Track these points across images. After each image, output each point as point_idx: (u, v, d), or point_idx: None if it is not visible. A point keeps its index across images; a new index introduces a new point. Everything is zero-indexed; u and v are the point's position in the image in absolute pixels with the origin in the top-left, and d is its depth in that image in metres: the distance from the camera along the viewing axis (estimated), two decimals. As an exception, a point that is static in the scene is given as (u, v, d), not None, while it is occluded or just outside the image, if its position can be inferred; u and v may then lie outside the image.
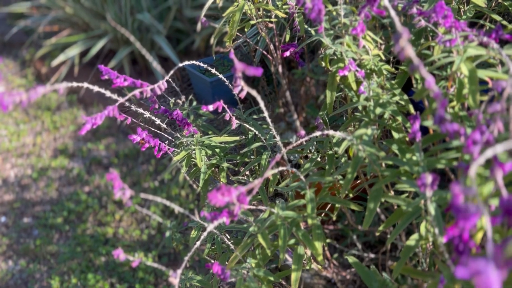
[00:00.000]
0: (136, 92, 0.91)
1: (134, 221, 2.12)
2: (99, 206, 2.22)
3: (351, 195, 1.02)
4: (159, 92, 0.93)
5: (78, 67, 3.12)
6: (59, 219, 2.16)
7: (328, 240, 1.19)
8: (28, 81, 3.31)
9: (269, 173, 0.81)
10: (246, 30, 1.21)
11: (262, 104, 0.78)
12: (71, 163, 2.53)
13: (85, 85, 0.91)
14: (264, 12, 1.25)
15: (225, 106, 0.92)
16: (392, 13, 0.60)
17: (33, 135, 2.78)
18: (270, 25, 1.42)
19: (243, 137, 1.14)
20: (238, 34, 1.23)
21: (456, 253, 0.71)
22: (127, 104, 1.13)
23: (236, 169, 1.20)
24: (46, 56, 3.39)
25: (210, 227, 0.76)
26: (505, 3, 1.09)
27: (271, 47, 1.27)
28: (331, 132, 0.77)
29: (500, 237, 0.63)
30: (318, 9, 0.76)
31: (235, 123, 0.94)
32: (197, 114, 1.30)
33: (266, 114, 0.81)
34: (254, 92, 0.74)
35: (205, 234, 0.74)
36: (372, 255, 1.53)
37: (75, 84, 0.91)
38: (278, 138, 0.89)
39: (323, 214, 1.14)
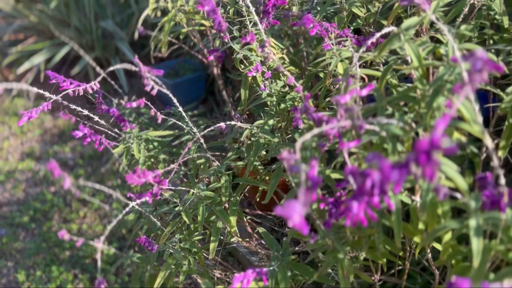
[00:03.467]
0: (69, 91, 1.06)
1: (97, 217, 2.25)
2: (64, 204, 2.34)
3: (267, 178, 1.18)
4: (91, 91, 1.07)
5: (44, 73, 3.22)
6: (26, 218, 2.28)
7: (249, 217, 1.35)
8: (-4, 88, 3.39)
9: (183, 159, 0.96)
10: (181, 37, 1.36)
11: (175, 100, 0.94)
12: (37, 165, 2.64)
13: (24, 86, 1.05)
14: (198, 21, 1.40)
15: (148, 103, 1.08)
16: (260, 27, 0.77)
17: (1, 140, 2.88)
18: (213, 31, 1.58)
19: (177, 131, 1.30)
20: (173, 40, 1.38)
21: (328, 216, 0.88)
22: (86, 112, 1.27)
23: (175, 160, 1.36)
24: (13, 64, 3.48)
25: (133, 204, 0.91)
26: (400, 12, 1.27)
27: (205, 51, 1.43)
28: (232, 122, 0.93)
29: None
30: (218, 22, 0.92)
31: (160, 118, 1.09)
32: (139, 113, 1.44)
33: (180, 109, 0.97)
34: (165, 90, 0.90)
35: (127, 209, 0.89)
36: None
37: (14, 85, 1.05)
38: (195, 130, 1.05)
39: (241, 195, 1.29)
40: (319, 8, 1.19)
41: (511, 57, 0.91)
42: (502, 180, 0.62)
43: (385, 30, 0.75)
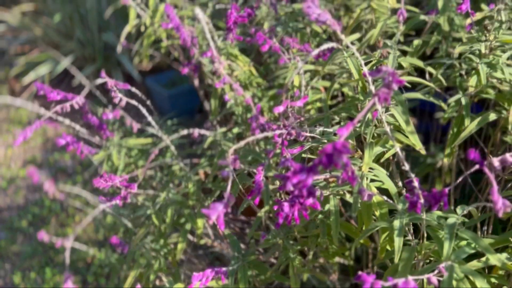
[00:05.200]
0: (58, 107, 1.15)
1: (92, 223, 2.33)
2: (61, 210, 2.43)
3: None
4: (77, 107, 1.16)
5: (49, 84, 3.34)
6: (24, 223, 2.37)
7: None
8: (2, 98, 3.53)
9: (151, 164, 1.04)
10: (162, 51, 1.44)
11: (144, 111, 1.01)
12: (38, 173, 2.74)
13: (18, 103, 1.14)
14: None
15: (124, 115, 1.16)
16: (211, 44, 0.84)
17: (5, 148, 2.99)
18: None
19: (155, 139, 1.37)
20: (153, 54, 1.46)
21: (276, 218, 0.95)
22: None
23: (155, 166, 1.43)
24: (20, 74, 3.61)
25: (102, 206, 0.98)
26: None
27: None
28: (197, 130, 1.01)
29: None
30: (183, 38, 1.00)
31: (136, 127, 1.17)
32: (124, 122, 1.53)
33: (149, 118, 1.05)
34: (134, 102, 0.98)
35: (96, 212, 0.96)
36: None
37: (9, 100, 1.14)
38: (165, 137, 1.13)
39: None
40: (291, 24, 1.26)
41: (450, 70, 0.97)
42: (415, 183, 0.68)
43: (325, 46, 0.82)
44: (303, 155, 0.93)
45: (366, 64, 0.97)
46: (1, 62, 3.83)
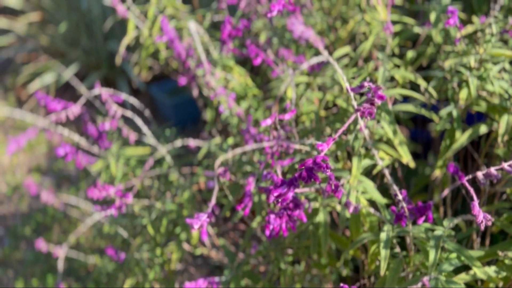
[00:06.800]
0: (53, 116, 1.17)
1: (94, 230, 2.35)
2: (64, 217, 2.46)
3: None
4: (72, 117, 1.18)
5: (55, 91, 3.39)
6: (28, 230, 2.40)
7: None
8: (10, 105, 3.58)
9: (147, 174, 1.05)
10: (160, 63, 1.47)
11: (140, 123, 1.03)
12: (43, 180, 2.77)
13: (18, 114, 1.16)
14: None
15: (122, 125, 1.18)
16: (203, 57, 0.86)
17: (10, 155, 3.03)
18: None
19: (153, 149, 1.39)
20: (153, 65, 1.49)
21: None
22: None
23: (152, 176, 1.44)
24: (27, 82, 3.67)
25: (96, 216, 1.00)
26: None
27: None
28: (192, 141, 1.02)
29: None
30: (178, 52, 1.02)
31: (133, 138, 1.19)
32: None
33: (144, 129, 1.06)
34: (129, 113, 0.99)
35: (89, 222, 0.97)
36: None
37: (8, 112, 1.16)
38: (160, 147, 1.15)
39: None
40: (286, 36, 1.28)
41: (442, 82, 0.97)
42: (400, 196, 0.69)
43: (315, 60, 0.83)
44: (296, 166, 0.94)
45: (358, 76, 0.98)
46: (8, 70, 3.89)
